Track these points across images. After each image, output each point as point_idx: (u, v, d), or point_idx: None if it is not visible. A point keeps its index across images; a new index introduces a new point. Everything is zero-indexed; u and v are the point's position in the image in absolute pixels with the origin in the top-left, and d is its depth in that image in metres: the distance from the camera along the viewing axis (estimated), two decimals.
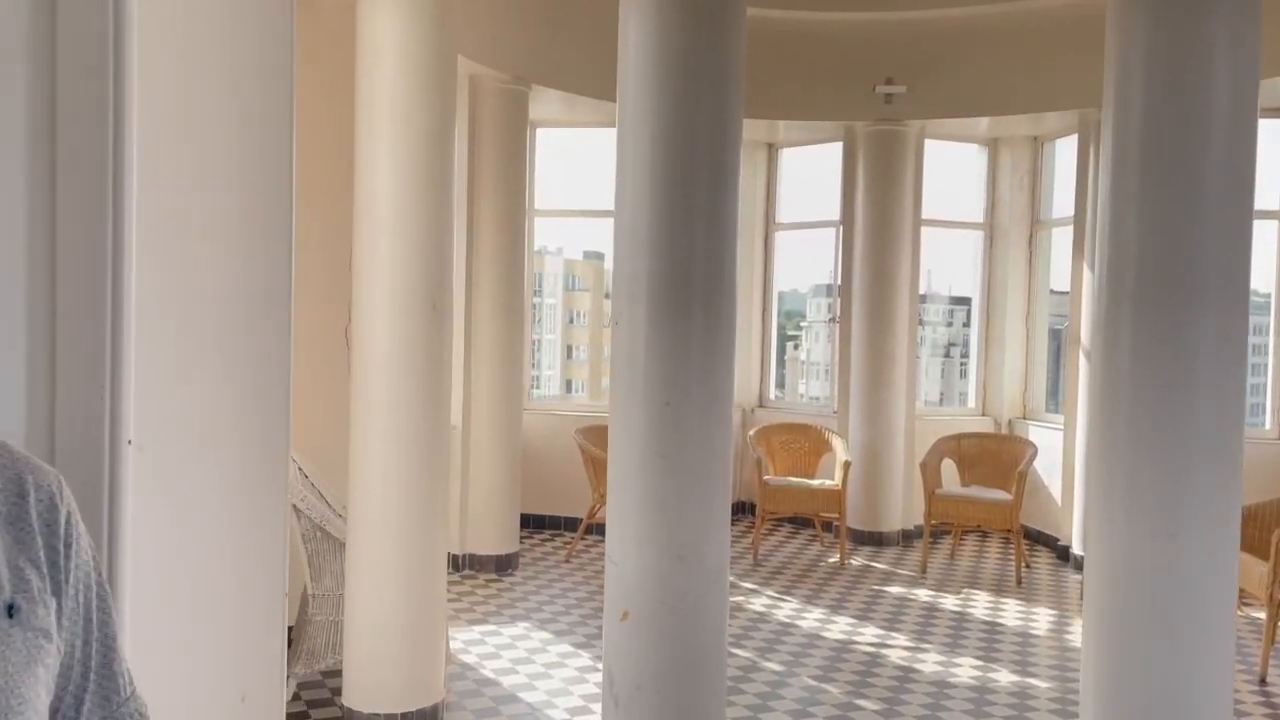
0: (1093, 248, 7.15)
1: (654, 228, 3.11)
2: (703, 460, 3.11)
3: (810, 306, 9.71)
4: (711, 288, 3.16)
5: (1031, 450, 7.09)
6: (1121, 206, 2.89)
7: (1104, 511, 2.90)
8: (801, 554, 7.46)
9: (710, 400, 3.13)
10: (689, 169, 3.12)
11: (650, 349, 3.08)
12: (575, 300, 9.65)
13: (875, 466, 7.85)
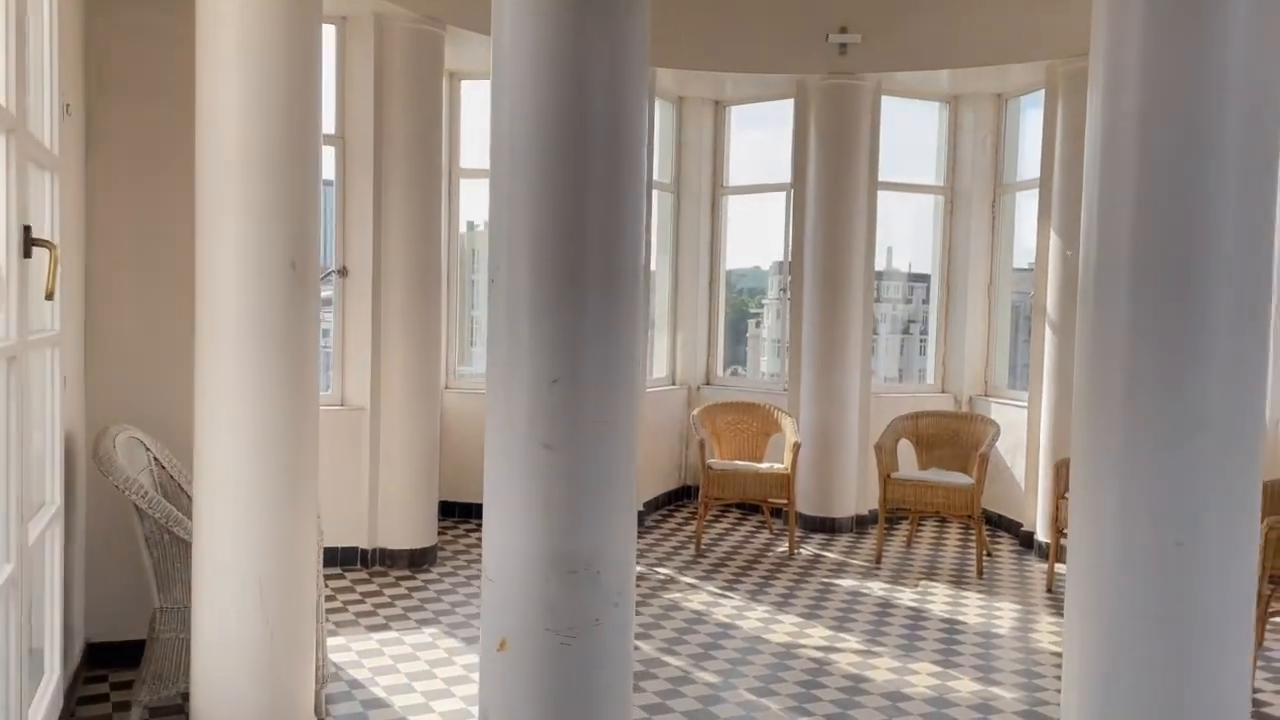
0: (1061, 212, 6.63)
1: (538, 168, 2.48)
2: (601, 452, 2.51)
3: (771, 284, 9.14)
4: (612, 240, 2.54)
5: (994, 430, 6.58)
6: (1116, 151, 2.31)
7: (1091, 513, 2.33)
8: (748, 543, 6.91)
9: (611, 377, 2.52)
10: (579, 103, 2.49)
11: (535, 312, 2.46)
12: None
13: (827, 448, 7.31)
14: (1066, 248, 6.57)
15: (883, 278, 8.38)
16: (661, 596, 5.62)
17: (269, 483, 3.38)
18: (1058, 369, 6.62)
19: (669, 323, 8.25)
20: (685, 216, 8.23)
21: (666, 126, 8.14)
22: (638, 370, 2.65)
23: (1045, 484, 6.64)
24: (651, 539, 6.95)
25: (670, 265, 8.21)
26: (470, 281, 7.96)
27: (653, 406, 7.66)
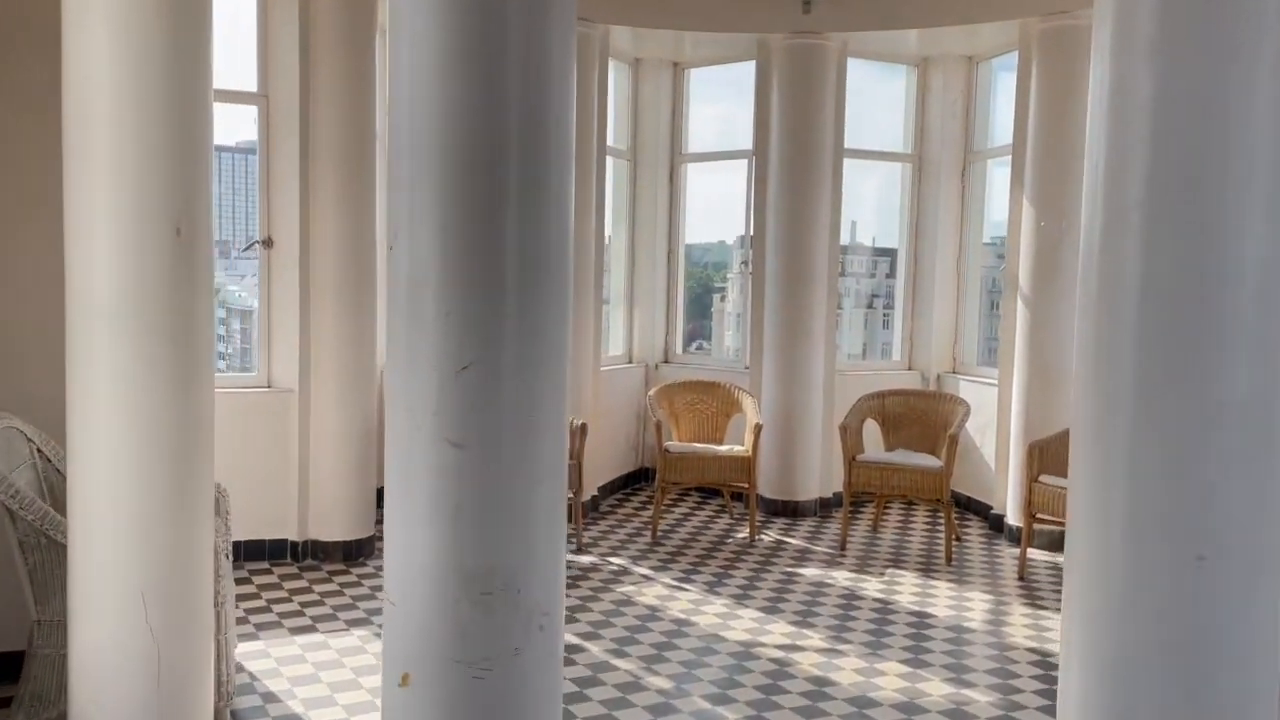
0: (1034, 181, 6.31)
1: (443, 113, 2.08)
2: (521, 451, 2.12)
3: (735, 259, 8.77)
4: (535, 199, 2.14)
5: (964, 410, 6.28)
6: (1124, 120, 1.94)
7: (1094, 525, 1.99)
8: (707, 529, 6.57)
9: (534, 362, 2.12)
10: (492, 47, 2.08)
11: (442, 284, 2.06)
12: None
13: (790, 428, 6.97)
14: (1040, 219, 6.26)
15: (847, 251, 8.04)
16: (613, 590, 5.26)
17: (153, 478, 2.96)
18: (1030, 345, 6.33)
19: (625, 298, 7.85)
20: (642, 185, 7.82)
21: (622, 89, 7.71)
22: (567, 353, 2.25)
23: (1016, 465, 6.36)
24: (605, 526, 6.59)
25: (627, 237, 7.81)
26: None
27: (608, 385, 7.29)
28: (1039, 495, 5.55)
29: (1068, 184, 6.17)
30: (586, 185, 6.63)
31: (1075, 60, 6.12)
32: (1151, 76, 1.89)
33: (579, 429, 5.97)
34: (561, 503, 2.28)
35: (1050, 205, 6.22)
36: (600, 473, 7.18)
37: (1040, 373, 6.28)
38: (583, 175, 6.61)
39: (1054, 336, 6.24)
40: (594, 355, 6.84)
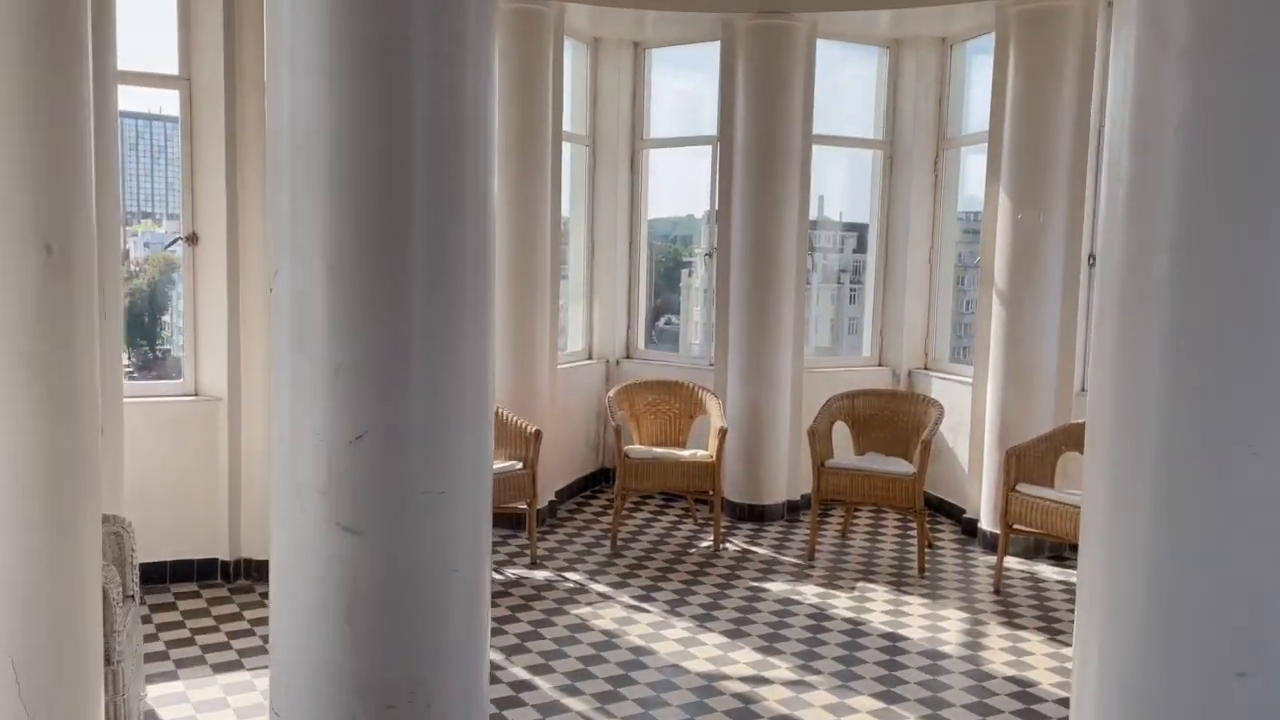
0: (1011, 170, 6.01)
1: (332, 125, 1.70)
2: (430, 536, 1.77)
3: (704, 233, 8.41)
4: (446, 221, 1.78)
5: (937, 412, 5.99)
6: (1155, 103, 1.60)
7: (1122, 528, 1.67)
8: (670, 537, 6.26)
9: (446, 426, 1.77)
10: (395, 29, 1.70)
11: (332, 336, 1.69)
12: None
13: (757, 429, 6.67)
14: (1017, 211, 5.96)
15: (815, 226, 7.71)
16: (568, 612, 4.94)
17: (23, 526, 2.58)
18: (1006, 344, 6.05)
19: (585, 291, 7.48)
20: (602, 173, 7.43)
21: (580, 71, 7.30)
22: (488, 410, 1.90)
23: (990, 469, 6.10)
24: (562, 535, 6.25)
25: (586, 227, 7.43)
26: None
27: (566, 384, 6.93)
28: (1016, 505, 5.28)
29: (1046, 174, 5.88)
30: (541, 173, 6.25)
31: (1055, 43, 5.81)
32: (1185, 87, 1.55)
33: (533, 435, 5.62)
34: (483, 592, 1.93)
35: (1028, 197, 5.93)
36: (558, 476, 6.84)
37: (1017, 373, 6.01)
38: (538, 163, 6.22)
39: (1031, 335, 5.96)
40: (550, 353, 6.48)
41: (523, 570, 5.56)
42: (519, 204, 6.18)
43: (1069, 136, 5.87)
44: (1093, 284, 6.21)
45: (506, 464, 5.62)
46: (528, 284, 6.26)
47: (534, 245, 6.25)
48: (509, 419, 5.79)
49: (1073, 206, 5.93)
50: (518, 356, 6.28)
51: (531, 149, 6.19)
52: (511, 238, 6.20)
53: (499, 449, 5.82)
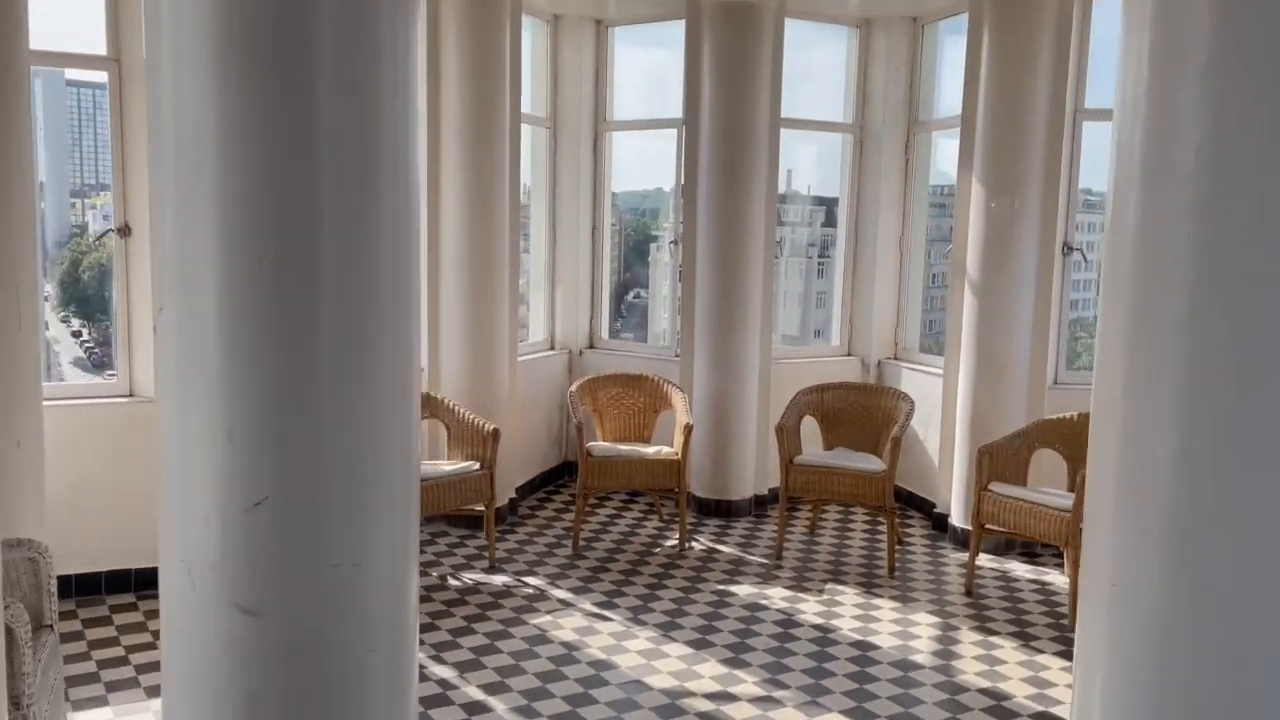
0: (985, 156, 5.82)
1: (218, 131, 1.46)
2: (345, 617, 1.54)
3: (673, 207, 8.18)
4: (356, 254, 1.54)
5: (907, 407, 5.83)
6: (1173, 84, 1.39)
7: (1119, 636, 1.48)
8: (633, 537, 6.07)
9: (361, 489, 1.54)
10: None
11: (225, 387, 1.46)
12: None
13: (724, 422, 6.48)
14: (990, 199, 5.78)
15: (784, 200, 7.51)
16: (527, 623, 4.73)
17: None
18: (978, 336, 5.89)
19: (547, 279, 7.23)
20: (564, 156, 7.16)
21: (539, 50, 7.01)
22: (413, 466, 1.67)
23: (961, 463, 5.95)
24: (523, 535, 6.04)
25: (547, 213, 7.16)
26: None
27: (527, 376, 6.70)
28: (989, 504, 5.14)
29: (1021, 161, 5.70)
30: (499, 157, 5.97)
31: (1032, 25, 5.62)
32: (1206, 103, 1.35)
33: (490, 435, 5.39)
34: (407, 675, 1.71)
35: (1002, 184, 5.75)
36: (519, 472, 6.62)
37: (989, 365, 5.85)
38: (495, 146, 5.95)
39: (1004, 328, 5.81)
40: (510, 344, 6.24)
41: (480, 575, 5.35)
42: (475, 189, 5.92)
43: (1044, 121, 5.69)
44: (1067, 274, 6.06)
45: (463, 464, 5.39)
46: (485, 273, 6.01)
47: (492, 232, 5.99)
48: (466, 417, 5.55)
49: (1047, 194, 5.76)
50: (475, 349, 6.03)
51: (488, 132, 5.91)
52: (468, 225, 5.94)
53: (455, 448, 5.59)
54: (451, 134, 5.91)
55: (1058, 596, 5.17)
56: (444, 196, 5.97)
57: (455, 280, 6.02)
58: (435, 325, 6.10)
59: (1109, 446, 1.53)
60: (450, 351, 6.07)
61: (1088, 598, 1.54)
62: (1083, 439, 5.56)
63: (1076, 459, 5.40)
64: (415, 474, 1.67)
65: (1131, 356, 1.44)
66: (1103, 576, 1.48)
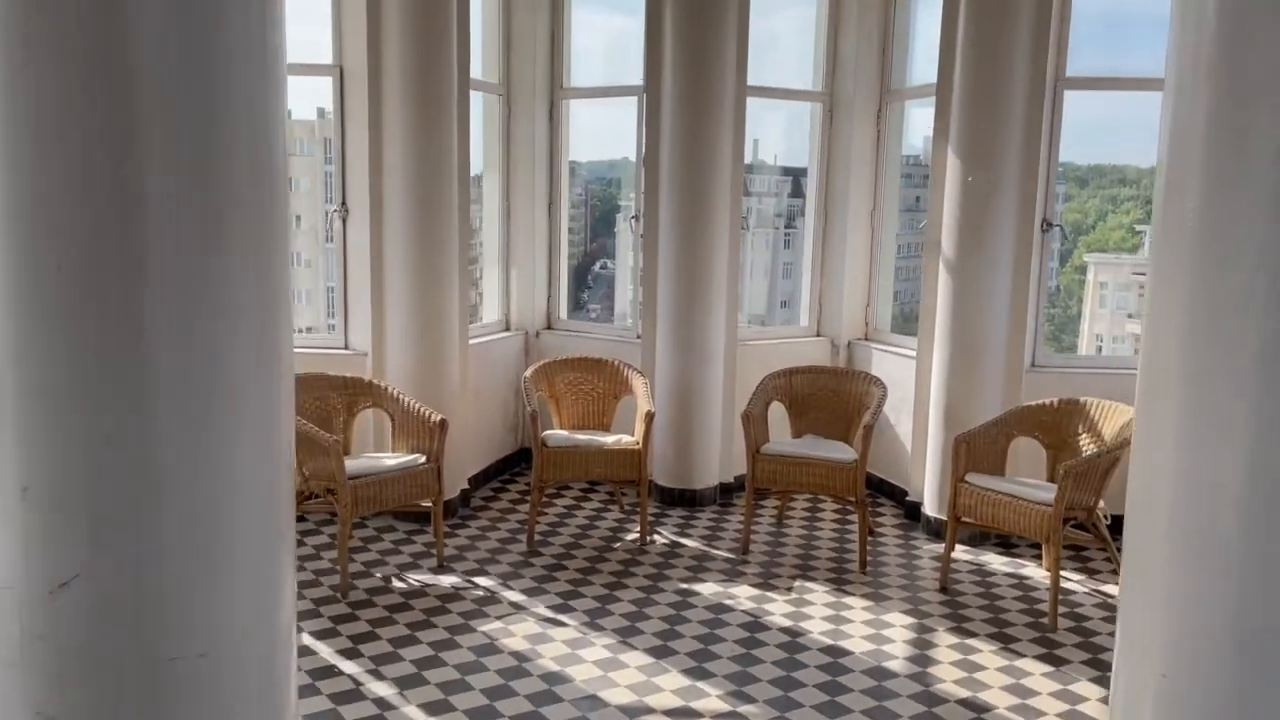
0: (962, 127, 5.51)
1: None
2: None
3: (638, 176, 7.80)
4: (194, 254, 1.18)
5: (880, 393, 5.54)
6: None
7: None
8: (592, 530, 5.75)
9: (192, 568, 1.19)
10: None
11: (20, 435, 1.10)
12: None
13: (688, 407, 6.16)
14: (968, 172, 5.47)
15: (750, 181, 7.19)
16: (475, 630, 4.41)
17: None
18: (954, 317, 5.60)
19: (501, 256, 6.85)
20: (519, 125, 6.76)
21: (490, 13, 6.58)
22: (283, 526, 1.32)
23: (936, 451, 5.69)
24: (475, 529, 5.71)
25: (500, 186, 6.77)
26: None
27: (481, 359, 6.34)
28: (965, 497, 4.87)
29: (998, 132, 5.39)
30: (445, 126, 5.57)
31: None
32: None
33: (438, 426, 5.03)
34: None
35: (978, 156, 5.44)
36: (472, 461, 6.28)
37: (965, 348, 5.58)
38: (441, 114, 5.54)
39: (981, 308, 5.53)
40: (461, 326, 5.87)
41: (427, 575, 5.01)
42: (421, 161, 5.51)
43: (1023, 90, 5.39)
44: (1045, 251, 5.79)
45: (408, 458, 5.03)
46: (433, 251, 5.62)
47: (439, 208, 5.60)
48: (411, 406, 5.19)
49: (1026, 168, 5.47)
50: (422, 332, 5.66)
51: (433, 98, 5.50)
52: (413, 200, 5.54)
53: (400, 440, 5.23)
54: (394, 101, 5.50)
55: (1036, 593, 4.93)
56: (387, 169, 5.57)
57: (400, 259, 5.63)
58: (380, 308, 5.71)
59: (1159, 525, 1.22)
60: (396, 335, 5.69)
61: (1127, 684, 1.24)
62: (1063, 427, 5.32)
63: (1056, 448, 5.15)
64: (286, 532, 1.33)
65: (1189, 390, 1.12)
66: (1151, 665, 1.17)
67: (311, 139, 6.57)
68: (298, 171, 6.86)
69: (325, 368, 5.47)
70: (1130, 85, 5.76)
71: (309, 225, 6.88)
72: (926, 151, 6.55)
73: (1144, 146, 6.55)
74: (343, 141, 5.73)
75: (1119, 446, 4.58)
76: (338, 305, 5.89)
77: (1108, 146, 6.99)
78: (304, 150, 6.81)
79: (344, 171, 5.76)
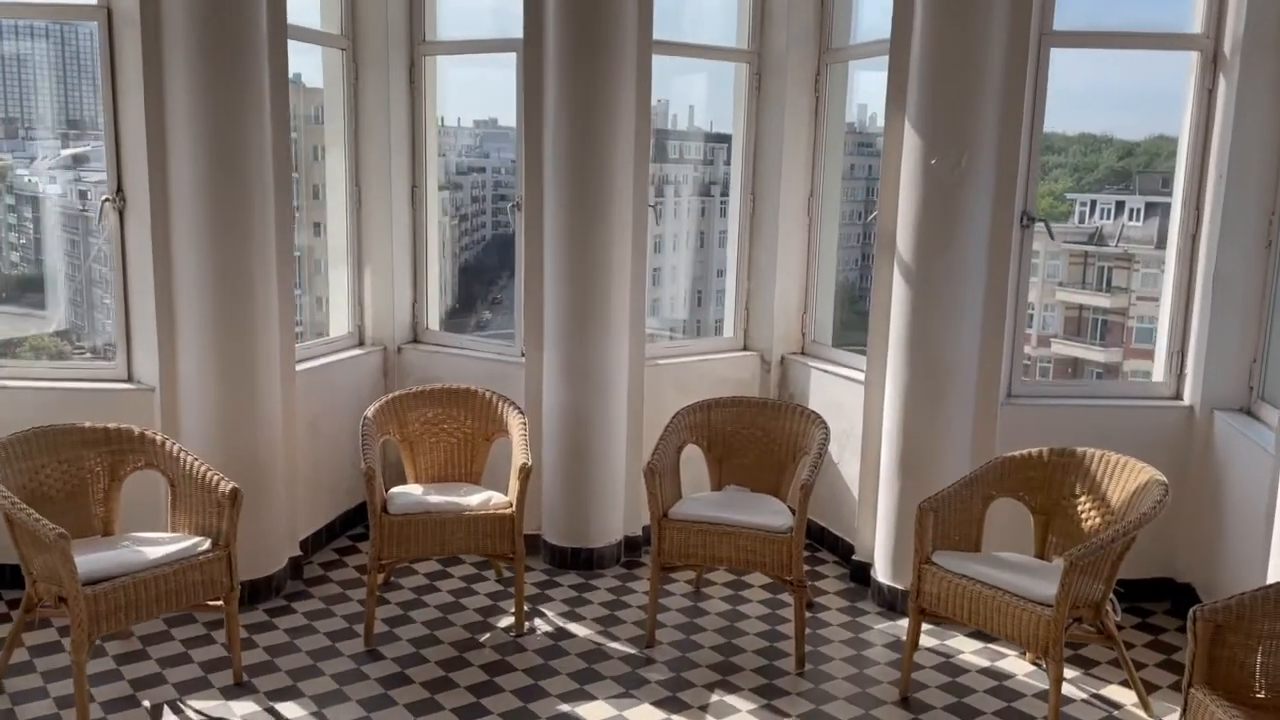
0: (922, 94, 4.30)
1: None
2: None
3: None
4: None
5: (820, 435, 4.34)
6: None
7: None
8: (456, 614, 4.47)
9: None
10: None
11: None
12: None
13: (583, 446, 4.91)
14: (930, 153, 4.27)
15: (669, 137, 5.93)
16: None
17: None
18: (911, 332, 4.42)
19: (350, 253, 5.47)
20: (369, 90, 5.36)
21: None
22: None
23: (889, 498, 4.52)
24: (302, 615, 4.38)
25: (347, 165, 5.37)
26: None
27: (322, 385, 5.02)
28: (933, 583, 3.70)
29: (970, 101, 4.20)
30: (254, 87, 4.19)
31: None
32: None
33: (227, 497, 3.68)
34: None
35: (945, 132, 4.24)
36: (309, 517, 4.96)
37: (926, 373, 4.40)
38: (250, 72, 4.17)
39: (947, 324, 4.35)
40: (283, 346, 4.53)
41: (215, 703, 3.68)
42: (217, 133, 4.14)
43: (1001, 49, 4.20)
44: (1026, 252, 4.62)
45: (185, 543, 3.68)
46: (237, 253, 4.26)
47: (243, 195, 4.22)
48: (194, 469, 3.82)
49: (1005, 146, 4.30)
50: (226, 357, 4.30)
51: (234, 50, 4.11)
52: (207, 188, 4.17)
53: (181, 515, 3.87)
54: (179, 53, 4.09)
55: (1023, 701, 3.80)
56: (173, 145, 4.17)
57: (193, 263, 4.25)
58: (169, 327, 4.33)
59: None
60: (191, 362, 4.32)
61: None
62: (1055, 486, 4.09)
63: (1046, 512, 4.01)
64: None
65: None
66: None
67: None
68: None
69: (95, 411, 4.10)
70: (1136, 42, 4.61)
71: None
72: (869, 121, 5.34)
73: (1076, 112, 5.39)
74: (115, 107, 4.30)
75: (1138, 524, 3.44)
76: (117, 324, 4.48)
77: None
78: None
79: (117, 147, 4.33)
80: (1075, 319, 6.23)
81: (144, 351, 4.43)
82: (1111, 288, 5.92)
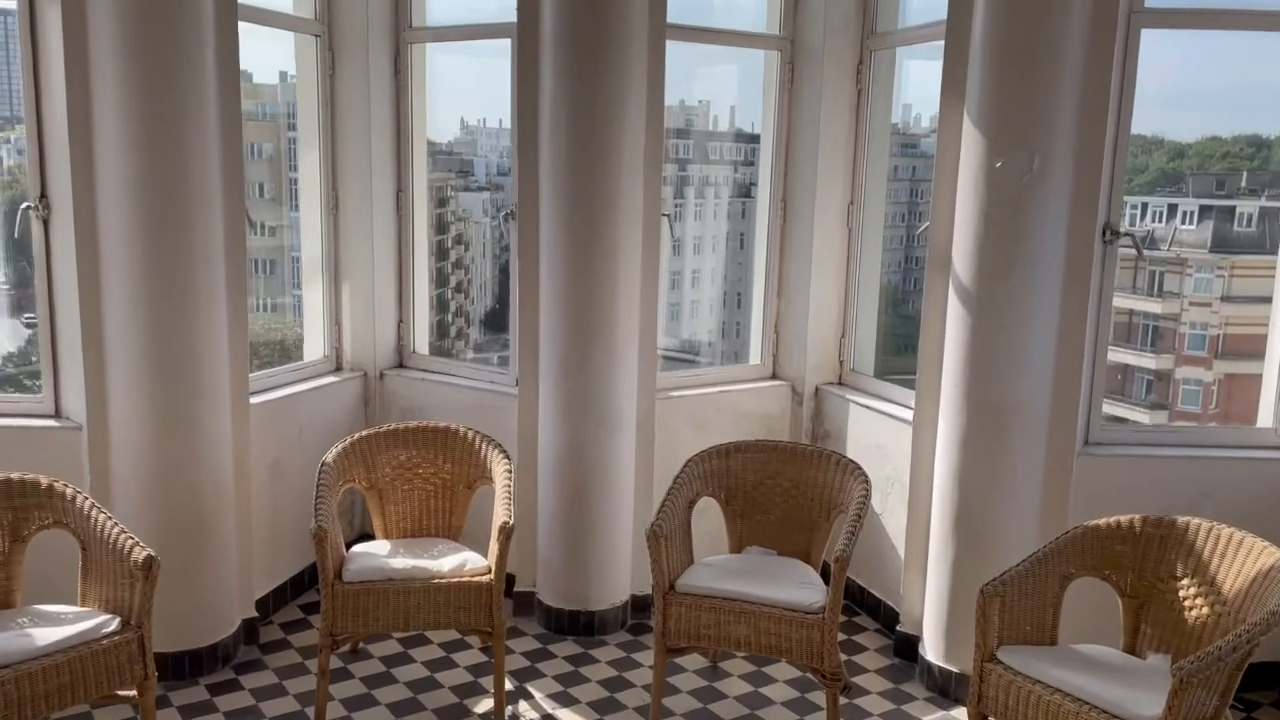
0: (984, 83, 3.58)
1: None
2: None
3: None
4: None
5: (860, 491, 3.62)
6: None
7: None
8: (427, 695, 3.81)
9: None
10: None
11: None
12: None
13: (583, 494, 4.24)
14: (995, 155, 3.54)
15: (689, 135, 5.25)
16: None
17: None
18: (970, 366, 3.69)
19: (326, 267, 4.84)
20: (347, 81, 4.73)
21: None
22: None
23: (942, 561, 3.80)
24: (249, 693, 3.75)
25: (321, 168, 4.74)
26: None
27: (287, 419, 4.40)
28: (998, 687, 2.98)
29: (1042, 93, 3.47)
30: (191, 77, 3.58)
31: None
32: None
33: (140, 568, 3.04)
34: None
35: (1012, 130, 3.52)
36: (267, 572, 4.34)
37: (986, 412, 3.67)
38: (199, 57, 3.56)
39: (1011, 354, 3.62)
40: (235, 375, 3.90)
41: None
42: (151, 129, 3.53)
43: (1080, 30, 3.46)
44: (1109, 272, 3.87)
45: (91, 622, 3.05)
46: (179, 269, 3.65)
47: (185, 201, 3.61)
48: (105, 532, 3.18)
49: (1085, 147, 3.55)
50: (165, 389, 3.68)
51: (172, 34, 3.50)
52: (140, 188, 3.56)
53: (92, 586, 3.25)
54: (107, 35, 3.48)
55: None
56: (100, 142, 3.57)
57: (124, 283, 3.63)
58: (98, 354, 3.72)
59: None
60: (121, 399, 3.70)
61: None
62: (1150, 565, 3.10)
63: (1139, 596, 3.26)
64: None
65: None
66: None
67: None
68: None
69: (15, 452, 3.53)
70: (1248, 22, 3.85)
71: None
72: (913, 121, 4.62)
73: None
74: (36, 99, 3.70)
75: (1264, 627, 2.70)
76: (43, 351, 3.88)
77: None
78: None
79: (41, 147, 3.73)
80: (1124, 324, 5.71)
81: (73, 379, 3.83)
82: (1163, 293, 5.37)
